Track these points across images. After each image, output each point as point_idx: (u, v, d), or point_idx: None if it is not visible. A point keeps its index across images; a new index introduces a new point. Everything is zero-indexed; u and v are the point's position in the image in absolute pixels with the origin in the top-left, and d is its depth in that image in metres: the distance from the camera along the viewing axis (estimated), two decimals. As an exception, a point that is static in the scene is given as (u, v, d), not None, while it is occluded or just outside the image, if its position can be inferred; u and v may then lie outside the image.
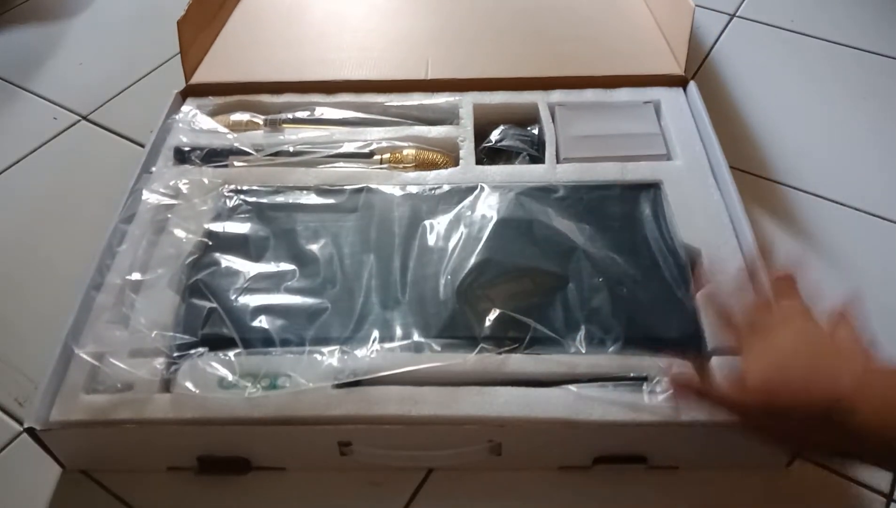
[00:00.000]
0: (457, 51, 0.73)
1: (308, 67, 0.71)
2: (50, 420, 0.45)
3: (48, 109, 0.79)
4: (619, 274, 0.52)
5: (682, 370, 0.47)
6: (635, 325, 0.49)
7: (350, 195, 0.59)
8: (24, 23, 0.93)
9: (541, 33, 0.75)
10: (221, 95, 0.68)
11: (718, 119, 0.63)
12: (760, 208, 0.66)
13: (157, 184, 0.59)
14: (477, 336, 0.49)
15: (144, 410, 0.45)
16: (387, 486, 0.49)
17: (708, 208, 0.57)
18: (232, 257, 0.54)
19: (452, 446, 0.46)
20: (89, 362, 0.48)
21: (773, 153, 0.72)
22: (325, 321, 0.50)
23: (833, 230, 0.64)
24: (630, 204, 0.57)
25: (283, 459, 0.49)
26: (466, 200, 0.58)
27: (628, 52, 0.72)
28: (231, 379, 0.47)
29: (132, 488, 0.49)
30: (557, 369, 0.47)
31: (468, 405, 0.45)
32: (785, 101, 0.78)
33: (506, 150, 0.63)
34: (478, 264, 0.52)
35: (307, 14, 0.80)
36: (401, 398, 0.46)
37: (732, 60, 0.83)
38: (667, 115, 0.65)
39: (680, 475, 0.49)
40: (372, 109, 0.67)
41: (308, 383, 0.46)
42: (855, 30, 0.86)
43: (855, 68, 0.82)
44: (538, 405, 0.45)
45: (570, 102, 0.66)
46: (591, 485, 0.48)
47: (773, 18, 0.89)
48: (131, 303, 0.51)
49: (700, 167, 0.60)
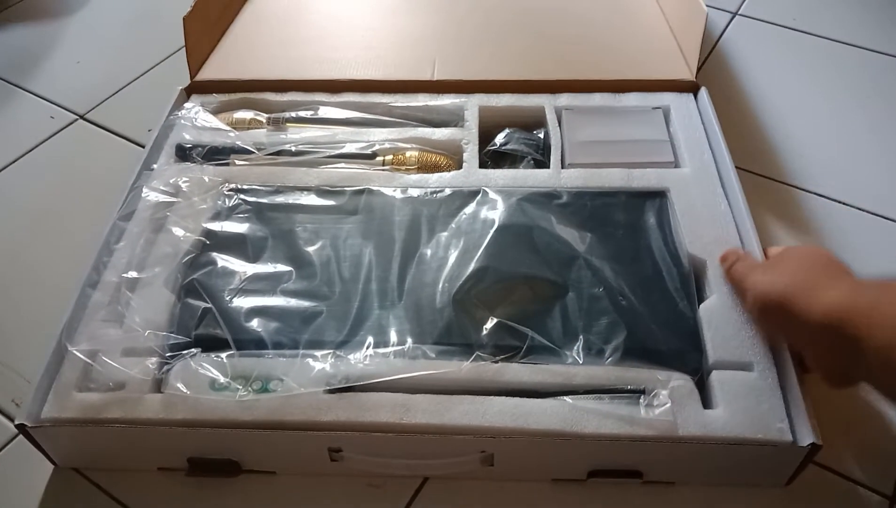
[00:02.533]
0: (464, 52, 0.72)
1: (313, 66, 0.70)
2: (42, 418, 0.45)
3: (45, 108, 0.79)
4: (621, 284, 0.51)
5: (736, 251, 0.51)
6: (635, 336, 0.48)
7: (350, 197, 0.58)
8: (20, 21, 0.93)
9: (549, 35, 0.74)
10: (225, 93, 0.68)
11: (720, 117, 0.63)
12: (764, 208, 0.64)
13: (158, 181, 0.59)
14: (473, 344, 0.48)
15: (135, 410, 0.45)
16: (381, 493, 0.48)
17: (715, 218, 0.56)
18: (229, 256, 0.54)
19: (444, 455, 0.46)
20: (83, 360, 0.47)
21: (776, 151, 0.71)
22: (319, 325, 0.49)
23: (839, 231, 0.63)
24: (635, 212, 0.56)
25: (274, 463, 0.48)
26: (468, 204, 0.57)
27: (639, 56, 0.71)
28: (223, 381, 0.46)
29: (123, 486, 0.49)
30: (553, 379, 0.46)
31: (460, 415, 0.45)
32: (788, 99, 0.76)
33: (510, 153, 0.62)
34: (476, 272, 0.52)
35: (314, 13, 0.79)
36: (393, 405, 0.45)
37: (735, 58, 0.82)
38: (676, 121, 0.64)
39: (676, 490, 0.48)
40: (376, 110, 0.66)
41: (300, 387, 0.45)
42: (858, 28, 0.85)
43: (858, 67, 0.81)
44: (532, 416, 0.44)
45: (577, 106, 0.65)
46: (585, 499, 0.47)
47: (776, 16, 0.88)
48: (127, 301, 0.51)
49: (708, 176, 0.59)
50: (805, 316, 0.41)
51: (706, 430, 0.44)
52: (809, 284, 0.42)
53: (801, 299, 0.42)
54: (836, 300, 0.40)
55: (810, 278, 0.43)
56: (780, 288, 0.44)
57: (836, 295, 0.41)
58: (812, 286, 0.42)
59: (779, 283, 0.44)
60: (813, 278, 0.43)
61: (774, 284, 0.45)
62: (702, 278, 0.52)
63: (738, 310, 0.49)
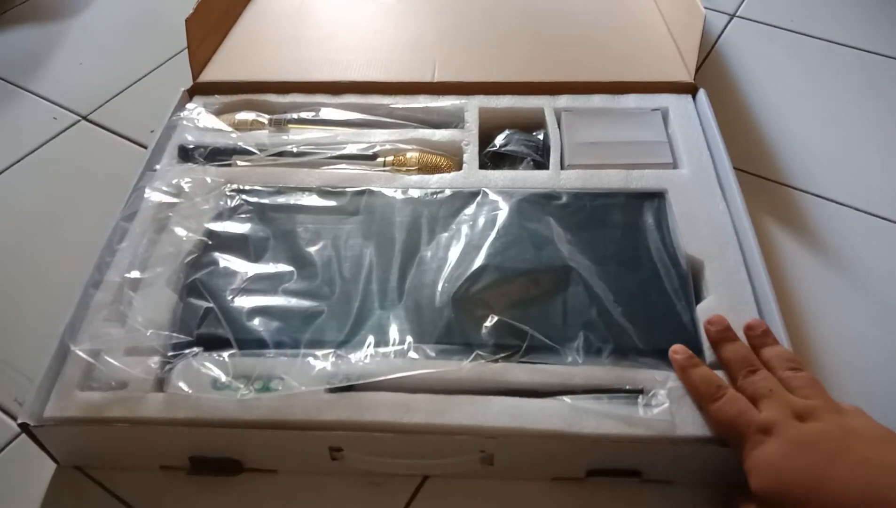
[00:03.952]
0: (464, 54, 0.72)
1: (315, 68, 0.71)
2: (44, 416, 0.46)
3: (48, 109, 0.80)
4: (619, 284, 0.52)
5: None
6: (633, 336, 0.49)
7: (351, 198, 0.59)
8: (24, 22, 0.93)
9: (549, 38, 0.75)
10: (228, 94, 0.69)
11: (718, 119, 0.63)
12: (762, 209, 0.65)
13: (160, 182, 0.59)
14: (473, 344, 0.48)
15: (137, 409, 0.46)
16: (381, 492, 0.48)
17: (713, 219, 0.56)
18: (231, 257, 0.54)
19: (444, 455, 0.46)
20: (85, 359, 0.48)
21: (774, 152, 0.71)
22: (320, 325, 0.50)
23: (838, 232, 0.63)
24: (633, 213, 0.57)
25: (275, 461, 0.49)
26: (468, 205, 0.57)
27: (637, 58, 0.71)
28: (224, 380, 0.47)
29: (125, 485, 0.49)
30: (552, 379, 0.47)
31: (460, 415, 0.45)
32: (786, 100, 0.77)
33: (510, 155, 0.62)
34: (476, 271, 0.52)
35: (316, 14, 0.80)
36: (393, 404, 0.45)
37: (733, 60, 0.82)
38: (674, 123, 0.64)
39: (675, 489, 0.48)
40: (377, 111, 0.67)
41: (301, 386, 0.46)
42: (856, 30, 0.85)
43: (856, 68, 0.81)
44: (531, 416, 0.45)
45: (576, 107, 0.66)
46: (584, 497, 0.48)
47: (774, 18, 0.88)
48: (129, 301, 0.51)
49: (706, 177, 0.59)
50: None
51: (704, 430, 0.44)
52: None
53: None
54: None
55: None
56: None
57: None
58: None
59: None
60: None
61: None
62: (699, 278, 0.53)
63: (736, 311, 0.49)
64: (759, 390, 0.39)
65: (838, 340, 0.55)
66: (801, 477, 0.33)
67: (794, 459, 0.34)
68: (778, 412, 0.37)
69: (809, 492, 0.32)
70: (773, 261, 0.60)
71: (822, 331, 0.56)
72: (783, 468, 0.34)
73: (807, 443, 0.34)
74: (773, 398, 0.38)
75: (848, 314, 0.57)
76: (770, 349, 0.44)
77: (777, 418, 0.37)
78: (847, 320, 0.57)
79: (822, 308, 0.57)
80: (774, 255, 0.61)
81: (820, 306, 0.57)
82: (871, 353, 0.55)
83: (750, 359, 0.42)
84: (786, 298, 0.57)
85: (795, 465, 0.34)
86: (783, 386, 0.40)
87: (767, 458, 0.35)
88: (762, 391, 0.39)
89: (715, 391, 0.40)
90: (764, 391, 0.39)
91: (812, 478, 0.33)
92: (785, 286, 0.59)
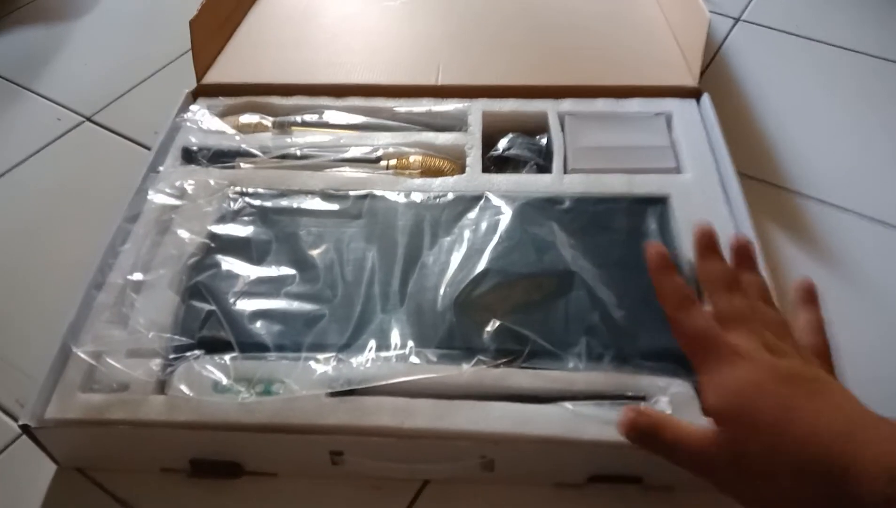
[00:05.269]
0: (468, 57, 0.72)
1: (319, 70, 0.71)
2: (45, 418, 0.46)
3: (52, 110, 0.80)
4: (622, 290, 0.51)
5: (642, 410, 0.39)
6: (635, 341, 0.49)
7: (354, 201, 0.58)
8: (29, 23, 0.94)
9: (553, 41, 0.75)
10: (231, 96, 0.69)
11: (722, 123, 0.63)
12: (766, 214, 0.64)
13: (163, 184, 0.59)
14: (474, 348, 0.48)
15: (138, 411, 0.46)
16: (382, 496, 0.48)
17: (717, 224, 0.55)
18: (233, 259, 0.54)
19: (444, 460, 0.46)
20: (87, 361, 0.48)
21: (778, 157, 0.71)
22: (322, 328, 0.50)
23: (842, 238, 0.63)
24: (636, 218, 0.57)
25: (275, 465, 0.49)
26: (471, 209, 0.57)
27: (641, 62, 0.71)
28: (225, 383, 0.47)
29: (126, 487, 0.49)
30: (554, 385, 0.46)
31: (462, 420, 0.45)
32: (790, 105, 0.76)
33: (513, 158, 0.62)
34: (478, 276, 0.52)
35: (320, 17, 0.80)
36: (394, 409, 0.45)
37: (737, 64, 0.82)
38: (678, 127, 0.64)
39: (676, 496, 0.48)
40: (381, 114, 0.67)
41: (301, 390, 0.46)
42: (862, 34, 0.85)
43: (862, 73, 0.81)
44: (533, 421, 0.45)
45: (579, 111, 0.66)
46: (585, 503, 0.48)
47: (778, 22, 0.88)
48: (131, 303, 0.51)
49: (710, 182, 0.59)
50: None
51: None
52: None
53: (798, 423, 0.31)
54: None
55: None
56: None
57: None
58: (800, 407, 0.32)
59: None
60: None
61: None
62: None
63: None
64: (739, 311, 0.38)
65: (843, 349, 0.55)
66: (772, 405, 0.32)
67: (770, 386, 0.33)
68: (752, 338, 0.36)
69: (777, 421, 0.32)
70: (776, 267, 0.60)
71: (827, 339, 0.55)
72: (754, 392, 0.33)
73: (785, 376, 0.33)
74: (750, 323, 0.37)
75: (853, 323, 0.57)
76: (749, 275, 0.41)
77: (750, 343, 0.36)
78: (852, 328, 0.56)
79: (826, 316, 0.57)
80: (778, 261, 0.61)
81: (824, 314, 0.57)
82: (878, 363, 0.54)
83: (733, 278, 0.40)
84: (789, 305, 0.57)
85: (771, 392, 0.33)
86: None
87: (737, 379, 0.34)
88: (741, 314, 0.37)
89: (685, 300, 0.38)
90: (743, 314, 0.37)
91: (785, 409, 0.32)
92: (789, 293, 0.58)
